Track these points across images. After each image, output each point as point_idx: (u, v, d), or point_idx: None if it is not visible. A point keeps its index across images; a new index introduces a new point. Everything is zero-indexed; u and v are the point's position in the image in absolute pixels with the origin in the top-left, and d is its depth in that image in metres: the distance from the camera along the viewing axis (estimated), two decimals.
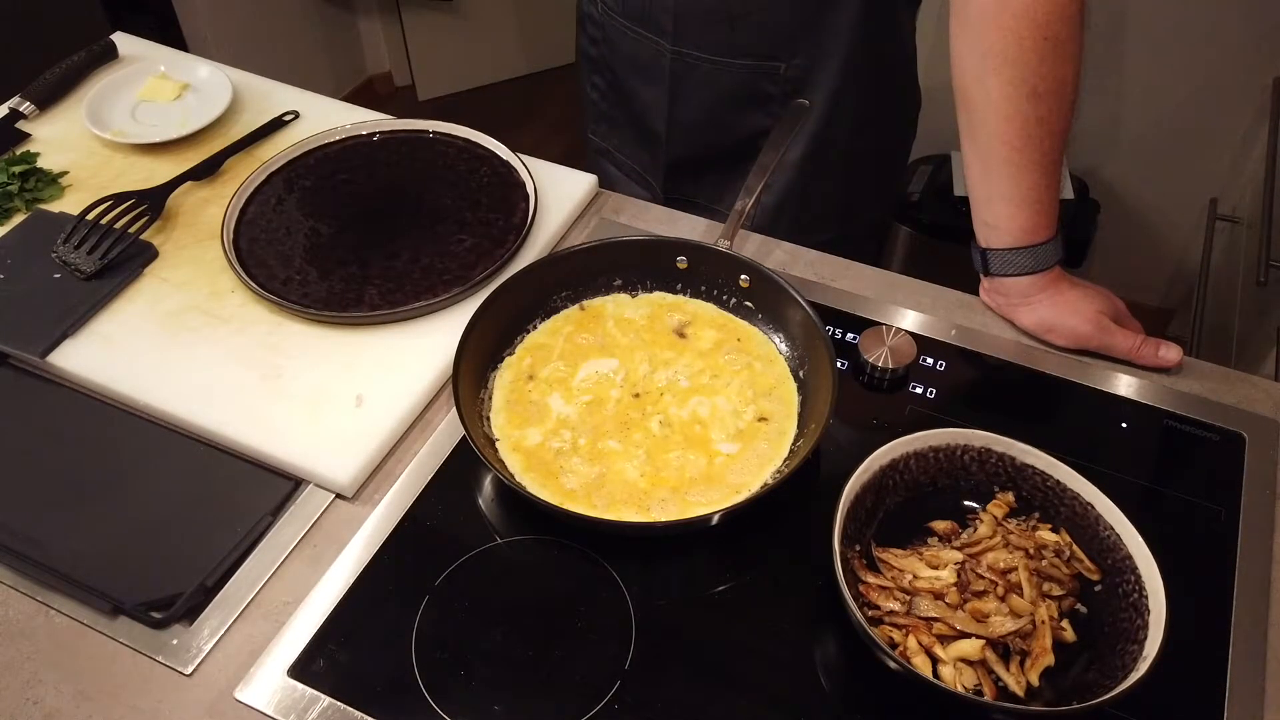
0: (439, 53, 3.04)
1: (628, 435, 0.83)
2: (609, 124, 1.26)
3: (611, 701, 0.68)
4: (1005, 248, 0.89)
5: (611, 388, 0.87)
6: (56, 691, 0.71)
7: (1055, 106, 0.83)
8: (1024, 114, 0.82)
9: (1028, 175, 0.85)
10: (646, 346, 0.90)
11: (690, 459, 0.81)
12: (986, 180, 0.88)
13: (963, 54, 0.85)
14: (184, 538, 0.78)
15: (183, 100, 1.19)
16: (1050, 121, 0.83)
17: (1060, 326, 0.90)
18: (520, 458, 0.82)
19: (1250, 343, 1.61)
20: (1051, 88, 0.82)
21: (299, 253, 0.99)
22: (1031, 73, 0.81)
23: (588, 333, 0.91)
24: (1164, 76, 2.01)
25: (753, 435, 0.83)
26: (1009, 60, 0.81)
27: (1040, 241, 0.88)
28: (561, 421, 0.84)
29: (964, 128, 0.88)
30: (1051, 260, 0.89)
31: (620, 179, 1.29)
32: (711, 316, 0.93)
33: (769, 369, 0.88)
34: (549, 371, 0.88)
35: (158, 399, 0.86)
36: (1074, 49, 0.82)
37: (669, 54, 1.09)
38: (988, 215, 0.89)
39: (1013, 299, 0.92)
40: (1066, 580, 0.72)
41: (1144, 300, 2.37)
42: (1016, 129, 0.83)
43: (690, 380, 0.87)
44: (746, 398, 0.86)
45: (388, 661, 0.71)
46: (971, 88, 0.85)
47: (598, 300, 0.94)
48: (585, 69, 1.25)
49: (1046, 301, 0.90)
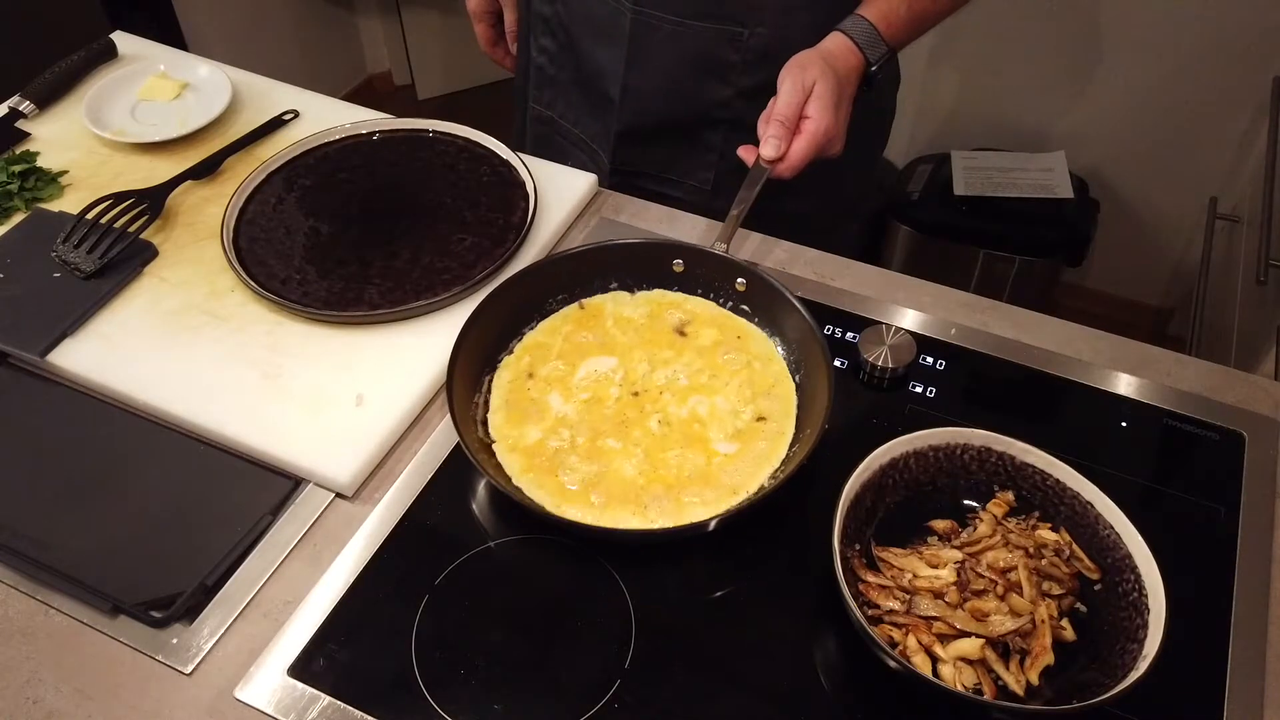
0: (439, 52, 3.03)
1: (627, 434, 0.83)
2: (554, 90, 1.22)
3: (611, 701, 0.68)
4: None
5: (611, 386, 0.87)
6: (56, 691, 0.71)
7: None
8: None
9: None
10: (646, 345, 0.90)
11: (689, 458, 0.81)
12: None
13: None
14: (184, 537, 0.78)
15: (182, 99, 1.19)
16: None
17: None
18: (519, 458, 0.82)
19: (1250, 342, 1.61)
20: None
21: (299, 252, 0.99)
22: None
23: (587, 331, 0.91)
24: (1164, 76, 2.01)
25: (751, 435, 0.83)
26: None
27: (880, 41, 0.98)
28: (560, 420, 0.84)
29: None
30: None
31: (565, 149, 1.25)
32: (711, 315, 0.93)
33: (767, 368, 0.88)
34: (548, 370, 0.88)
35: (157, 398, 0.86)
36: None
37: (629, 12, 1.05)
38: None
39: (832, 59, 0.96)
40: (1066, 579, 0.72)
41: (1144, 299, 2.37)
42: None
43: (689, 379, 0.87)
44: (745, 397, 0.85)
45: (388, 661, 0.71)
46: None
47: (597, 298, 0.94)
48: (535, 30, 1.20)
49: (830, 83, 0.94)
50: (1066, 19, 2.02)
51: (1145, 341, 0.94)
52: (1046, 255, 2.06)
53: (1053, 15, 2.03)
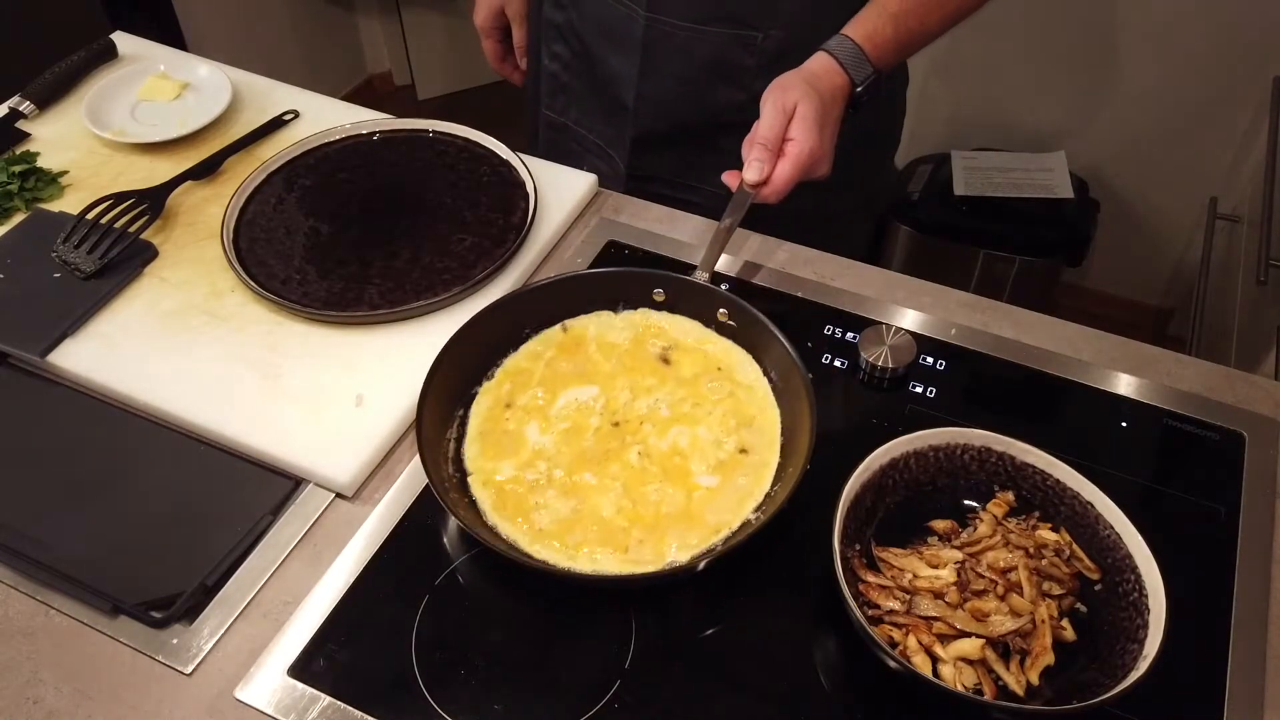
0: (439, 52, 3.03)
1: (604, 468, 0.80)
2: (567, 97, 1.22)
3: (611, 701, 0.68)
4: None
5: (591, 415, 0.84)
6: (56, 691, 0.71)
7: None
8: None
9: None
10: (628, 373, 0.87)
11: (669, 493, 0.78)
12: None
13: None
14: (184, 537, 0.78)
15: (182, 100, 1.19)
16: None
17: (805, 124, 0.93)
18: (491, 493, 0.79)
19: (1250, 342, 1.61)
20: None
21: (299, 252, 0.99)
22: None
23: (569, 358, 0.88)
24: (1164, 76, 2.01)
25: (733, 468, 0.80)
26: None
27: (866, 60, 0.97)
28: (537, 453, 0.81)
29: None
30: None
31: (580, 154, 1.24)
32: (695, 341, 0.89)
33: (751, 397, 0.85)
34: (527, 400, 0.85)
35: (157, 399, 0.86)
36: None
37: (643, 20, 1.06)
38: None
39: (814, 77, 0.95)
40: (1066, 579, 0.72)
41: (1144, 299, 2.37)
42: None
43: (671, 409, 0.84)
44: (729, 427, 0.83)
45: (388, 661, 0.71)
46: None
47: (580, 319, 0.91)
48: (546, 38, 1.20)
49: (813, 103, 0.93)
50: (1067, 20, 2.02)
51: (1145, 341, 0.94)
52: (1046, 255, 2.06)
53: (1053, 16, 2.03)
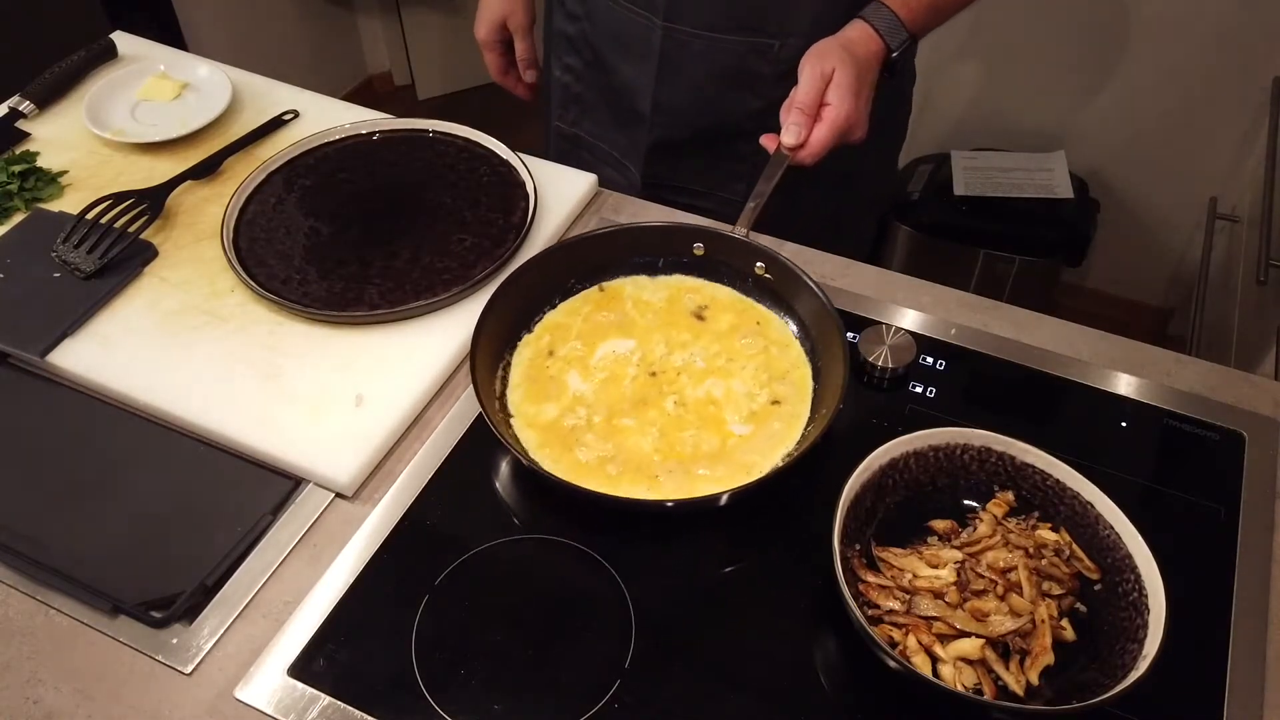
0: (439, 52, 3.03)
1: (643, 413, 0.84)
2: (579, 108, 1.23)
3: (611, 701, 0.68)
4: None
5: (628, 366, 0.88)
6: (56, 691, 0.71)
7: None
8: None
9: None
10: (664, 328, 0.91)
11: (704, 438, 0.82)
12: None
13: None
14: (184, 537, 0.78)
15: (182, 99, 1.19)
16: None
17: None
18: (535, 434, 0.83)
19: (1250, 342, 1.61)
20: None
21: (299, 252, 0.99)
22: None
23: (607, 312, 0.92)
24: (1164, 76, 2.01)
25: (765, 417, 0.84)
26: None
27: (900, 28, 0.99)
28: (578, 399, 0.85)
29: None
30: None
31: (593, 164, 1.24)
32: (730, 300, 0.93)
33: (784, 354, 0.88)
34: (567, 350, 0.89)
35: (157, 399, 0.86)
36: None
37: (659, 30, 1.06)
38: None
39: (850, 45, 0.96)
40: (1066, 579, 0.72)
41: (1144, 300, 2.37)
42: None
43: (706, 362, 0.88)
44: (761, 381, 0.86)
45: (388, 661, 0.71)
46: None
47: (617, 281, 0.95)
48: (558, 49, 1.21)
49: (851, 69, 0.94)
50: (1067, 20, 2.03)
51: (1145, 341, 0.94)
52: (1046, 255, 2.06)
53: (1053, 16, 2.03)
